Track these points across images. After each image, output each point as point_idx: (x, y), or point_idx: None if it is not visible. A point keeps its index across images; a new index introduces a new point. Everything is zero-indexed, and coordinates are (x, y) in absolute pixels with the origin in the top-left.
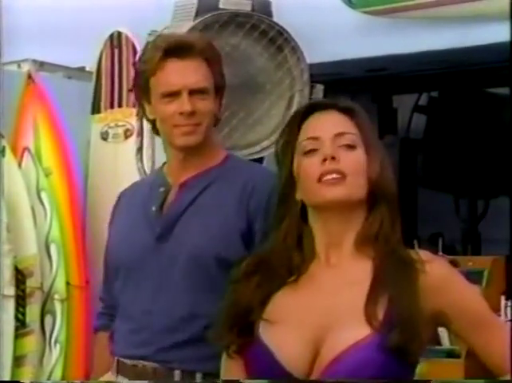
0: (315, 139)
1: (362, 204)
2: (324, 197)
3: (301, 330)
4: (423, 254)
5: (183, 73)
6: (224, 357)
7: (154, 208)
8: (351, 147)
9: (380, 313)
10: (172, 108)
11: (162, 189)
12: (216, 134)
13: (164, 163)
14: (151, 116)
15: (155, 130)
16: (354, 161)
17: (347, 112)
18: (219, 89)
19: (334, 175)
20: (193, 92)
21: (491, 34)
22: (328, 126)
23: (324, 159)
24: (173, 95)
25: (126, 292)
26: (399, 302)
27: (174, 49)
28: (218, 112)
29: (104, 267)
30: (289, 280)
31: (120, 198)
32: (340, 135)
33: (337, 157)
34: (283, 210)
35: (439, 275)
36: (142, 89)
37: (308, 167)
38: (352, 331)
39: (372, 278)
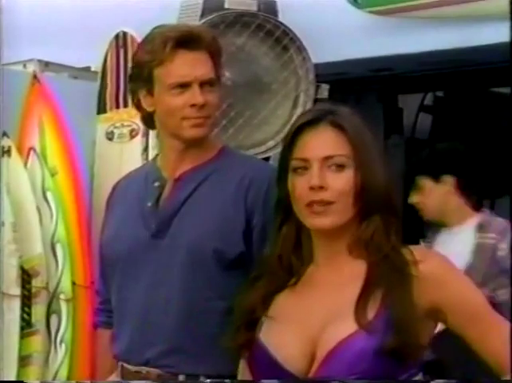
0: (304, 160)
1: (352, 221)
2: (311, 225)
3: (299, 330)
4: (418, 250)
5: (194, 65)
6: (241, 361)
7: (149, 204)
8: (340, 166)
9: (371, 314)
10: (182, 100)
11: (157, 184)
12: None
13: (157, 155)
14: (150, 108)
15: (147, 122)
16: (342, 185)
17: (339, 127)
18: (220, 82)
19: (320, 205)
20: (203, 85)
21: (497, 34)
22: (317, 147)
23: (312, 188)
24: (183, 86)
25: (123, 290)
26: (393, 305)
27: (184, 40)
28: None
29: (100, 261)
30: (290, 283)
31: (114, 189)
32: (329, 158)
33: (325, 185)
34: (282, 216)
35: (433, 269)
36: (143, 80)
37: (297, 187)
38: (343, 327)
39: (365, 281)
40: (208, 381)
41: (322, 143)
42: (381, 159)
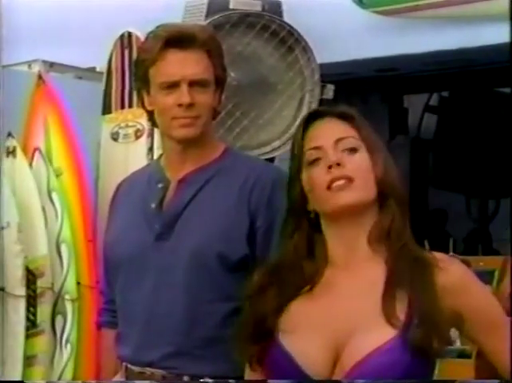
0: (317, 148)
1: (373, 205)
2: (335, 204)
3: (321, 336)
4: (438, 255)
5: (184, 64)
6: (247, 371)
7: (153, 205)
8: (353, 150)
9: (401, 313)
10: (171, 99)
11: (160, 185)
12: (216, 128)
13: (161, 155)
14: (149, 107)
15: (152, 121)
16: (359, 164)
17: (345, 117)
18: (220, 82)
19: (342, 182)
20: (193, 84)
21: (503, 34)
22: (328, 133)
23: (330, 167)
24: (172, 86)
25: (127, 292)
26: (419, 300)
27: (175, 39)
28: (218, 105)
29: (104, 262)
30: (304, 290)
31: (118, 189)
32: (340, 140)
33: (342, 163)
34: (294, 222)
35: (456, 276)
36: (141, 79)
37: (315, 176)
38: (374, 334)
39: (386, 278)
40: (212, 381)
41: (331, 130)
42: (386, 151)
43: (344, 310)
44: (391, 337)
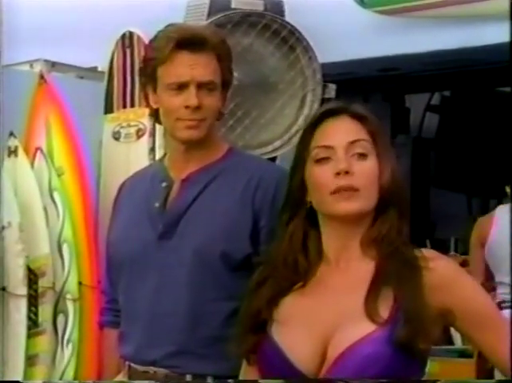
0: (328, 147)
1: (372, 211)
2: (338, 211)
3: (310, 330)
4: (429, 253)
5: (193, 67)
6: (244, 365)
7: (157, 204)
8: (363, 155)
9: (386, 310)
10: (178, 100)
11: (164, 184)
12: (219, 128)
13: (165, 155)
14: (154, 105)
15: (155, 118)
16: (367, 172)
17: (359, 118)
18: (226, 85)
19: (348, 191)
20: (201, 87)
21: (504, 33)
22: (341, 134)
23: (338, 173)
24: (180, 87)
25: (130, 291)
26: (405, 298)
27: (186, 41)
28: (223, 107)
29: (107, 261)
30: (296, 286)
31: (121, 189)
32: (353, 143)
33: (351, 171)
34: (290, 212)
35: (444, 273)
36: (148, 77)
37: (320, 176)
38: (357, 327)
39: (373, 276)
40: (210, 381)
41: (345, 130)
42: (394, 155)
43: (333, 306)
44: (374, 329)
